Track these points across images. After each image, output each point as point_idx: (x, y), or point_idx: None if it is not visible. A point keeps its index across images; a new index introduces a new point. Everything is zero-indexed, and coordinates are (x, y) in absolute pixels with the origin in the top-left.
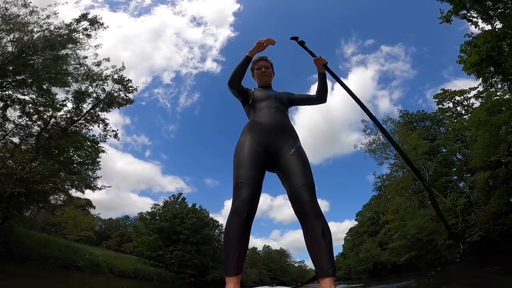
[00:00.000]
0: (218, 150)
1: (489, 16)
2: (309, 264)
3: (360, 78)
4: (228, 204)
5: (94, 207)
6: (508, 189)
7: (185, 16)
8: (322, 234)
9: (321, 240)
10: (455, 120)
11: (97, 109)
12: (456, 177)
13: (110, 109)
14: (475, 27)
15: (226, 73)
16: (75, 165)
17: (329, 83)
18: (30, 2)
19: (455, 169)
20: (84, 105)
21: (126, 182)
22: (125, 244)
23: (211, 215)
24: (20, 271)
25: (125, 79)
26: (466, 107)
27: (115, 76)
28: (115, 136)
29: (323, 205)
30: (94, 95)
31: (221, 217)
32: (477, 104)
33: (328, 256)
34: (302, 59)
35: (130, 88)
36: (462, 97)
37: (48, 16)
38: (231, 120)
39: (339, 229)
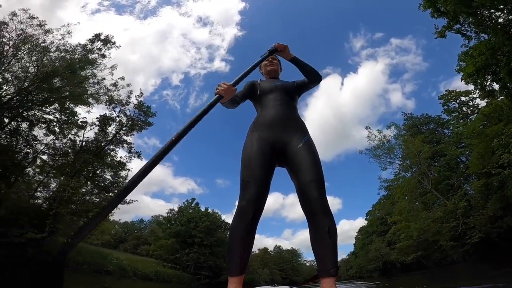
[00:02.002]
0: (228, 150)
1: (482, 29)
2: None
3: (370, 72)
4: None
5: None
6: (502, 195)
7: (191, 16)
8: (328, 233)
9: (326, 239)
10: (461, 121)
11: (121, 132)
12: (457, 181)
13: (133, 133)
14: (468, 42)
15: (235, 72)
16: (107, 185)
17: (338, 80)
18: (45, 22)
19: (457, 173)
20: (109, 129)
21: (139, 185)
22: (141, 246)
23: (223, 217)
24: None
25: (144, 105)
26: (471, 108)
27: (135, 101)
28: (139, 156)
29: (335, 202)
30: (118, 119)
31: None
32: (482, 104)
33: (331, 256)
34: (306, 59)
35: (149, 113)
36: (468, 97)
37: (63, 37)
38: (241, 119)
39: (352, 227)
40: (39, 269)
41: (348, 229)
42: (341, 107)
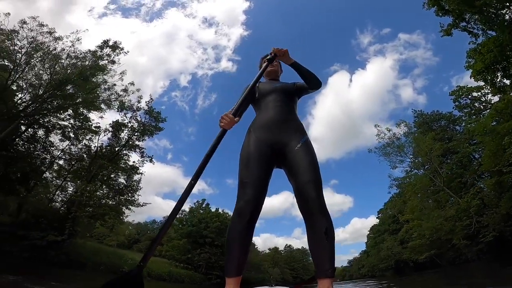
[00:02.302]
0: (238, 149)
1: (489, 26)
2: None
3: (379, 68)
4: None
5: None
6: (510, 196)
7: (196, 17)
8: (325, 234)
9: (323, 240)
10: (474, 117)
11: (133, 137)
12: (470, 179)
13: (144, 138)
14: (476, 39)
15: (242, 72)
16: (121, 188)
17: (346, 77)
18: (54, 30)
19: (470, 171)
20: (122, 134)
21: (150, 186)
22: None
23: None
24: (80, 277)
25: (154, 110)
26: (484, 103)
27: (145, 107)
28: (151, 160)
29: (346, 201)
30: (130, 124)
31: None
32: (495, 99)
33: (329, 257)
34: (309, 59)
35: (160, 119)
36: (480, 93)
37: (73, 44)
38: (250, 118)
39: (364, 225)
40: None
41: (360, 227)
42: (350, 104)
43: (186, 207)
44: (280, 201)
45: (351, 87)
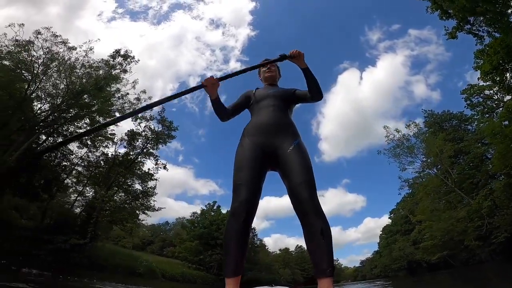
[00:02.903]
0: None
1: (495, 28)
2: (342, 262)
3: (390, 65)
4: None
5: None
6: None
7: (203, 19)
8: (321, 234)
9: (320, 240)
10: (486, 116)
11: (148, 145)
12: (482, 180)
13: (158, 147)
14: (481, 42)
15: (251, 72)
16: (138, 194)
17: (357, 74)
18: (68, 40)
19: (481, 171)
20: (136, 143)
21: (162, 188)
22: (167, 248)
23: None
24: (103, 278)
25: (167, 120)
26: (496, 101)
27: (158, 117)
28: (164, 167)
29: (359, 200)
30: (143, 133)
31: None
32: (508, 97)
33: (326, 256)
34: (318, 57)
35: (172, 127)
36: (492, 91)
37: (86, 54)
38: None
39: (377, 225)
40: None
41: (373, 227)
42: (361, 102)
43: (198, 209)
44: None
45: (362, 85)
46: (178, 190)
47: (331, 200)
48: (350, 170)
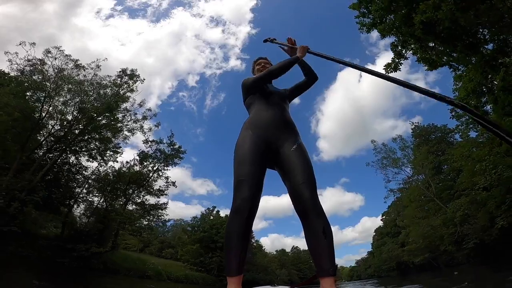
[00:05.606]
0: None
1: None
2: (339, 261)
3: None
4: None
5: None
6: (485, 211)
7: (203, 17)
8: (323, 233)
9: (321, 239)
10: (471, 126)
11: (158, 167)
12: (456, 192)
13: (168, 168)
14: (456, 73)
15: (251, 71)
16: (151, 208)
17: (356, 71)
18: (78, 60)
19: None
20: (146, 163)
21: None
22: (166, 249)
23: None
24: (118, 282)
25: (175, 144)
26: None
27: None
28: (173, 184)
29: (357, 199)
30: (153, 154)
31: None
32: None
33: (329, 256)
34: (322, 51)
35: (180, 151)
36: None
37: (95, 74)
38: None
39: (374, 224)
40: None
41: (370, 226)
42: (360, 100)
43: (195, 209)
44: (290, 201)
45: (361, 83)
46: (175, 190)
47: (329, 199)
48: (349, 169)
